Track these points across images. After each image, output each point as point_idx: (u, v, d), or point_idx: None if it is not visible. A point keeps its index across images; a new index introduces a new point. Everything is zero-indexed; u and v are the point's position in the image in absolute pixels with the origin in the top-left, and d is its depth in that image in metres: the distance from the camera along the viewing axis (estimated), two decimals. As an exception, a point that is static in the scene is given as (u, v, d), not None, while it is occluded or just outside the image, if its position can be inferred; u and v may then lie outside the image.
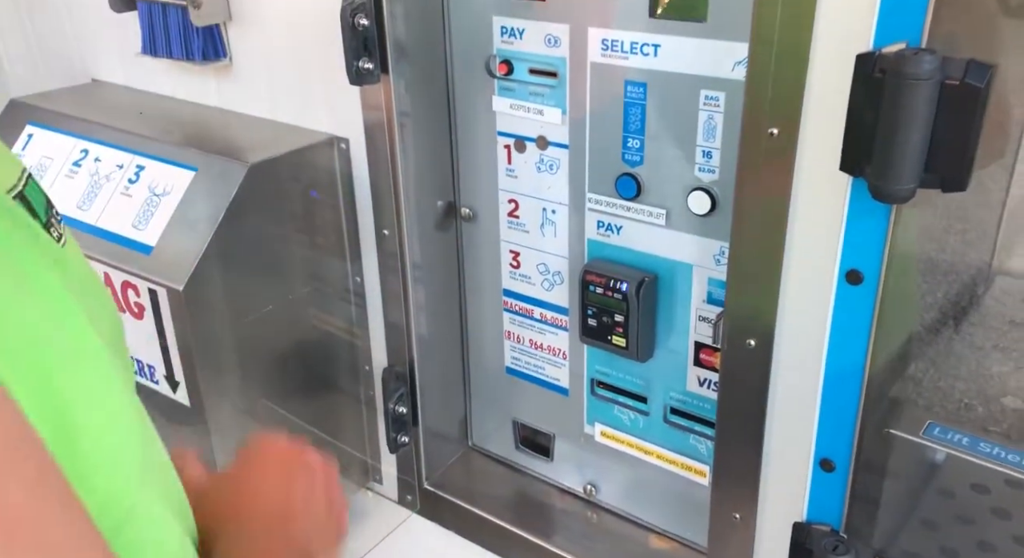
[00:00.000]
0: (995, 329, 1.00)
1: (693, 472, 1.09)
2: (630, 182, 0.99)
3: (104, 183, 1.06)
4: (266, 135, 1.11)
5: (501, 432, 1.30)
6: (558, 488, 1.25)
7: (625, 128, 0.98)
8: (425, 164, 1.12)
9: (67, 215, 1.06)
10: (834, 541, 0.75)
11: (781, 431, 0.82)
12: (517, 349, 1.22)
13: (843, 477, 0.75)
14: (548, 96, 1.03)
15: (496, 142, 1.11)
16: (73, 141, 1.11)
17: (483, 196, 1.15)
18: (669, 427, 1.09)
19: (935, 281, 0.91)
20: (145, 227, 1.00)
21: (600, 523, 1.19)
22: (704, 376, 1.03)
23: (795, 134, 0.73)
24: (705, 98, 0.91)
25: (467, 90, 1.10)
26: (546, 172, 1.08)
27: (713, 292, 0.98)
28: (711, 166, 0.93)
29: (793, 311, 0.76)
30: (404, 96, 1.06)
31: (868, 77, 0.60)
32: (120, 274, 1.00)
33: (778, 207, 0.76)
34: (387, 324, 1.19)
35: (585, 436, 1.19)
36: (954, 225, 0.94)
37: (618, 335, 1.04)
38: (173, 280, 0.95)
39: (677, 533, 1.15)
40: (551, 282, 1.15)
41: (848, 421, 0.73)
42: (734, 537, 0.92)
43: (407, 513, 1.27)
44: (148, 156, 1.05)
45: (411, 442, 1.22)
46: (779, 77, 0.72)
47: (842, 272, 0.71)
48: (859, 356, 0.71)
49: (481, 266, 1.20)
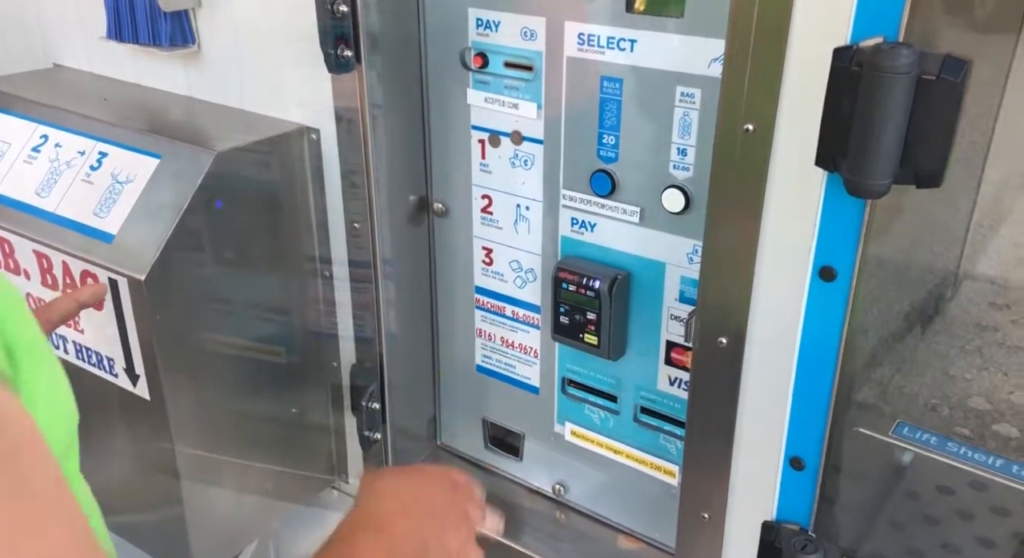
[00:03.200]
0: (962, 332, 1.01)
1: (663, 472, 1.08)
2: (604, 179, 0.99)
3: (64, 170, 1.03)
4: (234, 123, 1.08)
5: (470, 431, 1.28)
6: (527, 488, 1.24)
7: (601, 124, 0.97)
8: (397, 157, 1.10)
9: (25, 202, 1.02)
10: (803, 540, 0.74)
11: (752, 429, 0.81)
12: (488, 347, 1.21)
13: (813, 476, 0.75)
14: (523, 90, 1.02)
15: (470, 136, 1.09)
16: (33, 126, 1.07)
17: (456, 191, 1.14)
18: (639, 426, 1.09)
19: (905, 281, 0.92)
20: (107, 215, 0.97)
21: (569, 523, 1.18)
22: (675, 375, 1.03)
23: (771, 130, 0.72)
24: (681, 94, 0.90)
25: (441, 82, 1.08)
26: (520, 168, 1.07)
27: (686, 291, 0.98)
28: (686, 163, 0.93)
29: (766, 309, 0.76)
30: (377, 87, 1.04)
31: (845, 71, 0.60)
32: (79, 263, 0.97)
33: (753, 203, 0.75)
34: (356, 319, 1.17)
35: (555, 435, 1.18)
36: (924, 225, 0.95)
37: (590, 333, 1.04)
38: (134, 270, 0.92)
39: (646, 534, 1.14)
40: (524, 279, 1.13)
41: (819, 419, 0.73)
42: (702, 536, 0.92)
43: (373, 512, 1.25)
44: (111, 143, 1.02)
45: (380, 440, 1.20)
46: (756, 73, 0.72)
47: (815, 268, 0.70)
48: (831, 354, 0.70)
49: (453, 262, 1.19)
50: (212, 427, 1.07)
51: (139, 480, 1.07)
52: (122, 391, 1.01)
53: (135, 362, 0.98)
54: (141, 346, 0.96)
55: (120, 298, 0.95)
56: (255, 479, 1.15)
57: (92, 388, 1.01)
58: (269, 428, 1.16)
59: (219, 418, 1.08)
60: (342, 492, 1.28)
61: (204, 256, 1.00)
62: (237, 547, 1.23)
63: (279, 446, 1.18)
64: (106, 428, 1.06)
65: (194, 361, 1.01)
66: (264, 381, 1.12)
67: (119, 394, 1.01)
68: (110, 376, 1.02)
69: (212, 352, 1.04)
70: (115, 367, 1.00)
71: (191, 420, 1.02)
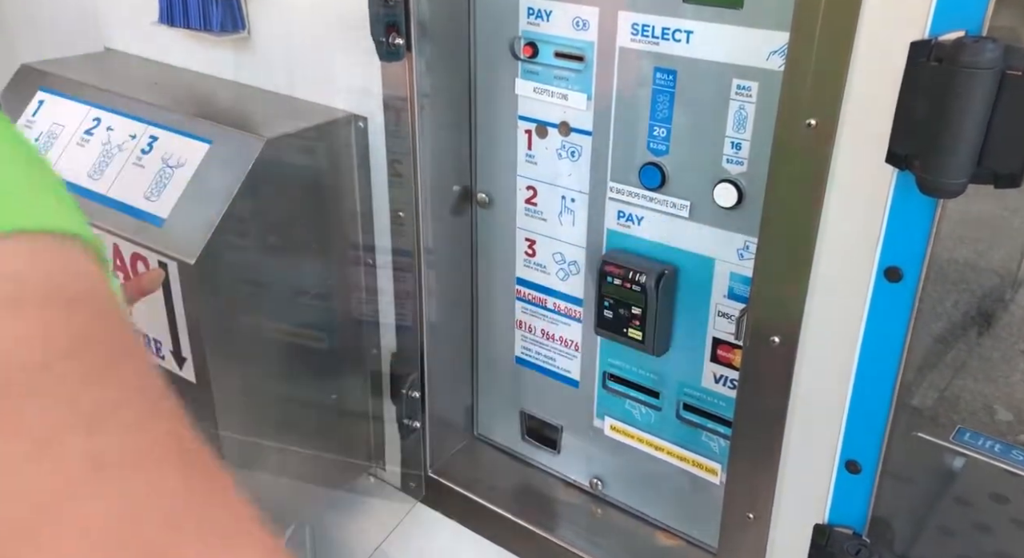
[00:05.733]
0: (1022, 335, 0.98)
1: (704, 469, 1.07)
2: (654, 172, 0.97)
3: (116, 153, 1.04)
4: (283, 110, 1.08)
5: (507, 422, 1.28)
6: (563, 481, 1.24)
7: (652, 116, 0.96)
8: (443, 147, 1.10)
9: (78, 184, 1.04)
10: (857, 544, 0.73)
11: (804, 431, 0.80)
12: (528, 339, 1.20)
13: (869, 480, 0.73)
14: (573, 80, 1.01)
15: (517, 127, 1.08)
16: (85, 109, 1.08)
17: (500, 182, 1.13)
18: (681, 423, 1.07)
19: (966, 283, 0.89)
20: (157, 199, 0.98)
21: (605, 518, 1.18)
22: (720, 373, 1.01)
23: (834, 125, 0.70)
24: (737, 87, 0.89)
25: (489, 72, 1.08)
26: (567, 159, 1.06)
27: (735, 287, 0.96)
28: (740, 158, 0.91)
29: (823, 309, 0.75)
30: (425, 76, 1.03)
31: (922, 66, 0.58)
32: (130, 246, 0.98)
33: (812, 200, 0.74)
34: (398, 308, 1.17)
35: (594, 430, 1.17)
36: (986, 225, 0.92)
37: (634, 328, 1.02)
38: (185, 254, 0.93)
39: (685, 531, 1.13)
40: (566, 272, 1.13)
41: (878, 423, 0.72)
42: (747, 536, 0.90)
43: (411, 501, 1.25)
44: (162, 127, 1.03)
45: (419, 428, 1.20)
46: (820, 66, 0.70)
47: (880, 269, 0.69)
48: (893, 356, 0.69)
49: (495, 253, 1.18)
50: (254, 411, 1.08)
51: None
52: (168, 374, 1.02)
53: (182, 345, 0.99)
54: (189, 329, 0.96)
55: (169, 281, 0.96)
56: (294, 464, 1.16)
57: (139, 370, 1.02)
58: (309, 414, 1.16)
59: (261, 402, 1.08)
60: (379, 479, 1.29)
61: (251, 242, 1.00)
62: (275, 530, 1.24)
63: (318, 432, 1.19)
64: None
65: (239, 346, 1.02)
66: (305, 367, 1.13)
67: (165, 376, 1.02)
68: (156, 359, 1.03)
69: (256, 337, 1.04)
70: (162, 349, 1.01)
71: (235, 403, 1.03)
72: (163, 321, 0.98)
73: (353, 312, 1.17)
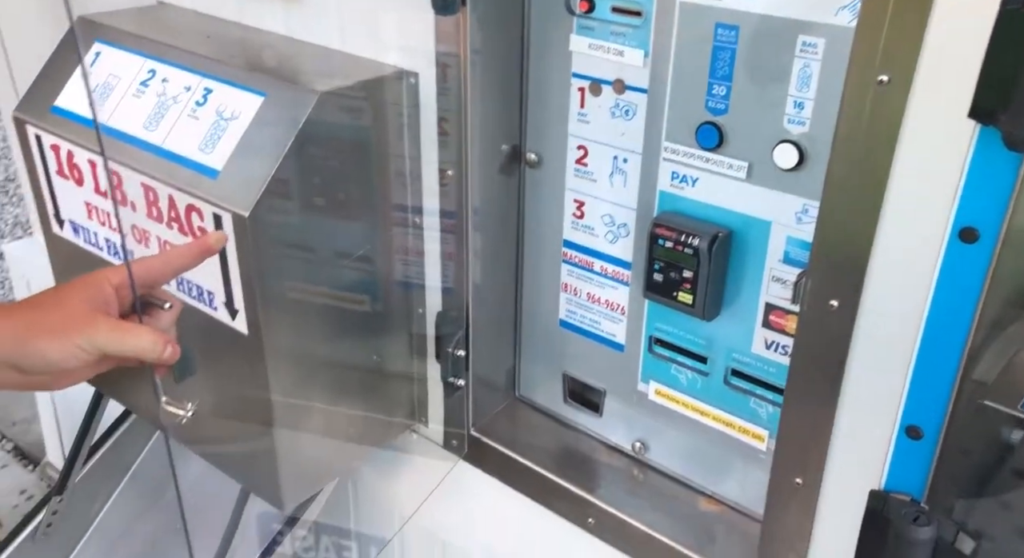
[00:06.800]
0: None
1: (751, 436, 1.06)
2: (712, 131, 0.95)
3: (171, 104, 1.04)
4: (334, 65, 1.08)
5: (549, 385, 1.28)
6: (605, 444, 1.24)
7: (712, 74, 0.94)
8: (493, 105, 1.09)
9: (134, 135, 1.04)
10: (915, 511, 0.72)
11: (861, 396, 0.78)
12: (573, 302, 1.20)
13: (930, 446, 0.72)
14: (630, 36, 0.98)
15: (569, 84, 1.07)
16: (141, 61, 1.09)
17: (550, 141, 1.12)
18: (729, 389, 1.06)
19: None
20: (212, 150, 0.98)
21: (647, 481, 1.18)
22: (772, 339, 1.00)
23: (909, 81, 0.68)
24: (803, 44, 0.86)
25: (543, 27, 1.06)
26: (620, 118, 1.04)
27: (791, 252, 0.95)
28: (802, 117, 0.89)
29: (889, 271, 0.73)
30: (478, 31, 1.02)
31: (1015, 14, 0.56)
32: (185, 197, 0.99)
33: (881, 160, 0.72)
34: (444, 268, 1.17)
35: (638, 394, 1.17)
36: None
37: (685, 291, 1.01)
38: (239, 206, 0.94)
39: (729, 497, 1.12)
40: (615, 234, 1.11)
41: (943, 389, 0.70)
42: (794, 502, 0.90)
43: (453, 458, 1.27)
44: (216, 79, 1.03)
45: (463, 386, 1.21)
46: (896, 19, 0.67)
47: (955, 230, 0.66)
48: (964, 321, 0.67)
49: (542, 215, 1.17)
50: (303, 366, 1.09)
51: (234, 412, 1.11)
52: (221, 324, 1.03)
53: (235, 297, 1.00)
54: (242, 281, 0.97)
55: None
56: (339, 420, 1.18)
57: (193, 321, 1.03)
58: (354, 372, 1.18)
59: (310, 358, 1.10)
60: (422, 436, 1.30)
61: (301, 196, 1.00)
62: (319, 484, 1.26)
63: (363, 389, 1.20)
64: (204, 360, 1.09)
65: (289, 299, 1.03)
66: (352, 322, 1.14)
67: (218, 327, 1.03)
68: (210, 309, 1.04)
69: (305, 291, 1.05)
70: (215, 301, 1.03)
71: (285, 357, 1.04)
72: (216, 273, 0.99)
73: (398, 272, 1.17)
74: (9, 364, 0.76)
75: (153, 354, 0.81)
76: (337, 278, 1.09)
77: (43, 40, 1.23)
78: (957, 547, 0.73)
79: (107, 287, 0.83)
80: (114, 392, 1.33)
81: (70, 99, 1.13)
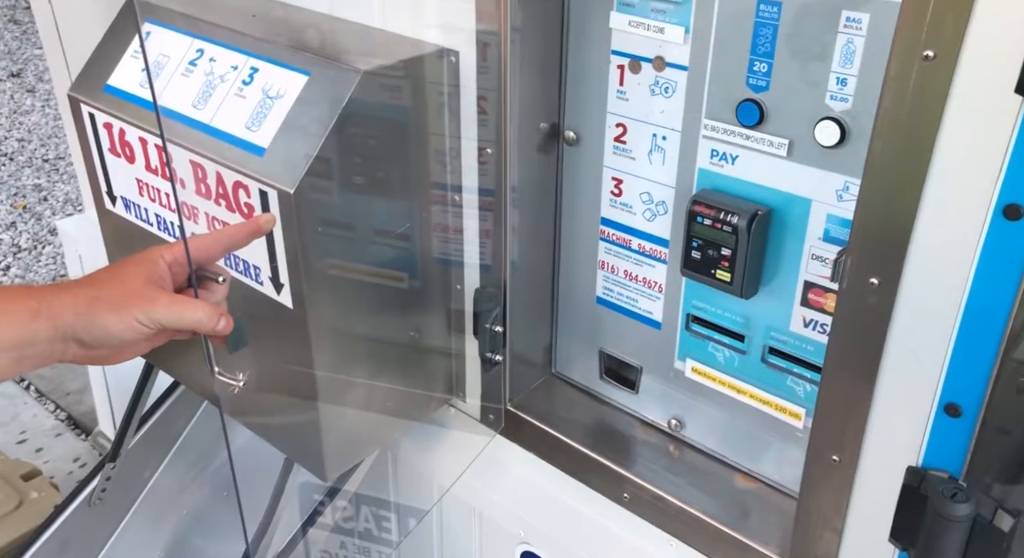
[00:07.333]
0: None
1: (788, 414, 1.06)
2: (753, 109, 0.95)
3: (219, 83, 1.07)
4: (376, 43, 1.09)
5: (586, 362, 1.29)
6: (641, 420, 1.25)
7: (753, 50, 0.93)
8: (532, 83, 1.09)
9: (183, 113, 1.07)
10: (953, 487, 0.72)
11: (900, 373, 0.78)
12: (610, 279, 1.21)
13: (970, 424, 0.72)
14: (671, 13, 0.98)
15: (609, 62, 1.07)
16: (189, 40, 1.12)
17: (589, 119, 1.12)
18: (766, 367, 1.07)
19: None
20: (258, 129, 1.01)
21: (683, 458, 1.19)
22: (811, 317, 1.00)
23: (955, 56, 0.67)
24: (847, 20, 0.85)
25: (583, 5, 1.06)
26: (660, 95, 1.04)
27: (831, 230, 0.94)
28: (845, 94, 0.88)
29: (931, 248, 0.72)
30: (519, 8, 1.02)
31: (1066, -14, 0.55)
32: (232, 174, 1.01)
33: (925, 136, 0.71)
34: (482, 245, 1.18)
35: (675, 371, 1.18)
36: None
37: (723, 270, 1.01)
38: (284, 183, 0.96)
39: (765, 475, 1.13)
40: (653, 212, 1.12)
41: (984, 367, 0.70)
42: (831, 479, 0.90)
43: (490, 433, 1.29)
44: (262, 58, 1.05)
45: (501, 361, 1.23)
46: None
47: (999, 206, 0.66)
48: (1007, 298, 0.67)
49: (580, 192, 1.18)
50: (345, 340, 1.12)
51: (280, 384, 1.14)
52: (267, 298, 1.06)
53: (280, 272, 1.03)
54: (287, 256, 1.00)
55: (269, 210, 0.99)
56: (379, 394, 1.21)
57: (239, 294, 1.06)
58: (394, 346, 1.20)
59: (351, 332, 1.12)
60: (459, 410, 1.33)
61: (344, 174, 1.02)
62: (360, 455, 1.29)
63: (402, 364, 1.22)
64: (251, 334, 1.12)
65: (331, 275, 1.05)
66: (393, 297, 1.16)
67: (264, 301, 1.06)
68: (256, 284, 1.07)
69: (347, 267, 1.08)
70: (261, 275, 1.06)
71: (328, 330, 1.07)
72: (262, 248, 1.02)
73: (437, 249, 1.19)
74: (72, 338, 0.80)
75: (208, 326, 0.84)
76: (378, 254, 1.11)
77: (95, 21, 1.26)
78: (996, 524, 0.73)
79: (162, 263, 0.86)
80: (164, 364, 1.38)
81: (123, 78, 1.17)
